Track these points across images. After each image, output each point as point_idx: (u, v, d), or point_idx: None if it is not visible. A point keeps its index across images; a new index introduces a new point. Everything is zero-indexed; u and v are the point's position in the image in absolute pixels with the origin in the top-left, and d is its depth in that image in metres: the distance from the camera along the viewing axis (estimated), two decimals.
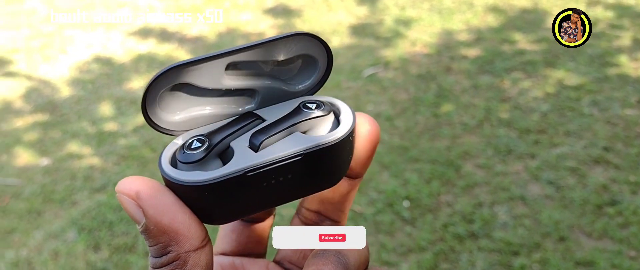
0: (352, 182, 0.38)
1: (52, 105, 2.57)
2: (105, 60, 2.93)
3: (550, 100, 2.21)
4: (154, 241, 0.31)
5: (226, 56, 0.34)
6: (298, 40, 0.36)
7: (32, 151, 2.25)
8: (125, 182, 0.31)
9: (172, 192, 0.31)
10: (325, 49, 0.37)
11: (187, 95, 0.36)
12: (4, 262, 1.73)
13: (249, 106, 0.38)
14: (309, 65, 0.38)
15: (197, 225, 0.31)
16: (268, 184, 0.33)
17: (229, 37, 3.06)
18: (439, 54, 2.64)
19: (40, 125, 2.41)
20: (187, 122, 0.36)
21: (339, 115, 0.35)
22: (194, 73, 0.34)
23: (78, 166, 2.14)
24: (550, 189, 1.78)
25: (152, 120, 0.34)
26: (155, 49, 2.99)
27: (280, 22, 3.15)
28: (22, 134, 2.36)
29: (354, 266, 0.33)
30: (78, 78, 2.78)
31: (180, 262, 0.31)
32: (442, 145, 2.03)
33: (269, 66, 0.37)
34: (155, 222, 0.30)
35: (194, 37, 3.10)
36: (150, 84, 0.33)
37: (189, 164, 0.32)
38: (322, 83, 0.39)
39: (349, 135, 0.34)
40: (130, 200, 0.30)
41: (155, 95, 0.34)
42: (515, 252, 1.58)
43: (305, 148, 0.33)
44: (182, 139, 0.35)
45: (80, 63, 2.91)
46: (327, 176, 0.35)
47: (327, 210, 0.39)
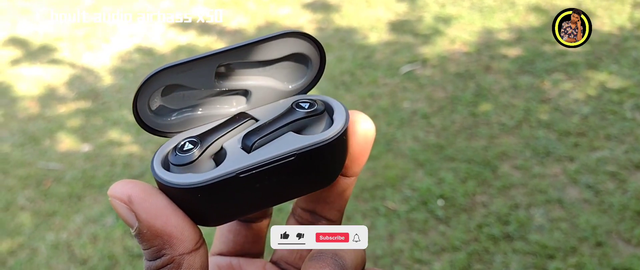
0: (347, 181, 0.38)
1: (94, 93, 2.63)
2: (146, 51, 2.98)
3: (592, 103, 2.16)
4: (148, 244, 0.31)
5: (216, 57, 0.34)
6: (289, 39, 0.36)
7: (74, 137, 2.31)
8: (117, 186, 0.31)
9: (164, 195, 0.31)
10: (318, 48, 0.37)
11: (179, 96, 0.35)
12: (45, 244, 1.79)
13: (242, 106, 0.37)
14: (302, 64, 0.38)
15: (190, 227, 0.31)
16: (261, 185, 0.32)
17: (267, 30, 3.08)
18: (478, 52, 2.61)
19: (82, 112, 2.47)
20: (179, 123, 0.36)
21: (332, 114, 0.35)
22: (185, 75, 0.34)
23: (118, 153, 2.19)
24: (589, 193, 1.74)
25: (143, 122, 0.34)
26: (195, 41, 3.03)
27: (319, 17, 3.15)
28: (65, 120, 2.42)
29: (351, 267, 0.33)
30: (120, 67, 2.84)
31: (175, 265, 0.31)
32: (479, 144, 2.01)
33: (260, 66, 0.37)
34: (148, 226, 0.30)
35: (233, 29, 3.13)
36: (141, 86, 0.33)
37: (181, 166, 0.32)
38: (315, 82, 0.38)
39: (342, 134, 0.33)
40: (123, 205, 0.30)
41: (147, 97, 0.34)
42: (551, 256, 1.55)
43: (298, 148, 0.32)
44: (175, 140, 0.35)
45: (123, 52, 2.97)
46: (322, 176, 0.35)
47: (323, 209, 0.39)
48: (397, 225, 1.71)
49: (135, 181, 0.31)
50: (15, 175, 2.12)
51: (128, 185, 0.30)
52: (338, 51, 2.76)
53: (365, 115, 0.35)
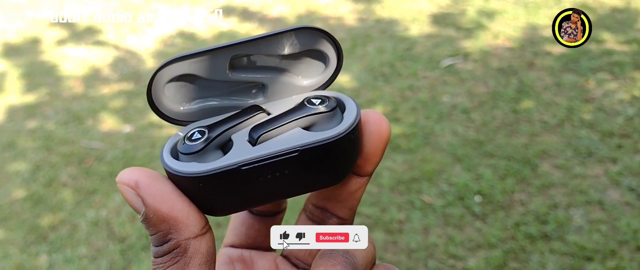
0: (360, 180, 0.37)
1: (137, 75, 2.68)
2: (188, 35, 3.02)
3: (637, 104, 2.11)
4: (155, 229, 0.31)
5: (230, 49, 0.34)
6: (304, 34, 0.35)
7: (116, 118, 2.36)
8: (125, 172, 0.31)
9: (170, 182, 0.32)
10: (334, 45, 0.36)
11: (193, 86, 0.36)
12: (85, 220, 1.84)
13: (257, 99, 0.37)
14: (319, 61, 0.37)
15: (196, 213, 0.32)
16: (265, 179, 0.32)
17: (308, 19, 3.08)
18: (522, 48, 2.57)
19: (125, 94, 2.52)
20: (195, 113, 0.36)
21: (345, 111, 0.34)
22: (199, 65, 0.34)
23: (158, 135, 2.22)
24: (631, 196, 1.70)
25: (158, 109, 0.35)
26: (237, 28, 3.05)
27: (360, 7, 3.14)
28: (108, 101, 2.48)
29: (362, 266, 0.33)
30: (162, 51, 2.88)
31: (181, 249, 0.31)
32: (519, 142, 1.98)
33: (275, 60, 0.37)
34: (154, 210, 0.30)
35: (274, 18, 3.15)
36: (156, 73, 0.33)
37: (188, 155, 0.32)
38: (332, 79, 0.38)
39: (350, 132, 0.33)
40: (130, 190, 0.31)
41: (161, 85, 0.34)
42: (589, 258, 1.53)
43: (302, 144, 0.32)
44: (187, 129, 0.35)
45: (165, 36, 3.01)
46: (329, 173, 0.34)
47: (334, 207, 0.38)
48: (432, 219, 1.70)
49: (143, 168, 0.31)
50: (59, 152, 2.18)
51: (136, 171, 0.31)
52: (378, 42, 2.75)
53: (380, 114, 0.35)
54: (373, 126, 0.35)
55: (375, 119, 0.35)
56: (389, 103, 2.25)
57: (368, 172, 0.36)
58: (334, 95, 0.36)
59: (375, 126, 0.35)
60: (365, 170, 0.36)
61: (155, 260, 0.32)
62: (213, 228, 0.33)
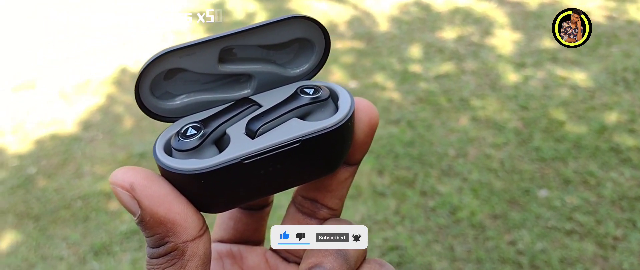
0: (350, 168, 0.36)
1: (369, 36, 2.80)
2: (424, 6, 3.05)
3: None
4: (151, 232, 0.30)
5: (219, 41, 0.33)
6: (294, 23, 0.35)
7: (345, 72, 2.50)
8: (118, 173, 0.30)
9: (167, 182, 0.31)
10: (323, 32, 0.36)
11: (182, 81, 0.35)
12: None
13: (246, 91, 0.37)
14: (306, 49, 0.37)
15: (194, 214, 0.31)
16: (265, 171, 0.32)
17: (551, 9, 2.93)
18: None
19: (355, 51, 2.66)
20: (183, 108, 0.35)
21: (337, 100, 0.34)
22: (188, 58, 0.33)
23: (379, 96, 2.32)
24: None
25: (145, 107, 0.34)
26: (474, 5, 3.01)
27: (611, 5, 2.89)
28: (340, 56, 2.63)
29: (353, 258, 0.33)
30: (397, 17, 2.96)
31: (178, 252, 0.30)
32: None
33: (265, 50, 0.36)
34: (151, 214, 0.29)
35: (514, 1, 3.04)
36: (143, 70, 0.32)
37: (184, 152, 0.31)
38: (320, 67, 0.37)
39: (347, 120, 0.33)
40: (125, 192, 0.30)
41: (149, 81, 0.33)
42: None
43: (303, 134, 0.31)
44: (178, 125, 0.34)
45: (402, 4, 3.09)
46: (327, 162, 0.34)
47: (324, 197, 0.37)
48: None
49: (138, 168, 0.30)
50: None
51: (130, 172, 0.30)
52: (625, 45, 2.53)
53: (369, 102, 0.35)
54: (363, 114, 0.35)
55: (365, 106, 0.35)
56: (626, 111, 2.08)
57: (357, 160, 0.36)
58: (323, 84, 0.36)
59: (366, 114, 0.35)
60: (354, 158, 0.36)
61: (150, 261, 0.31)
62: None
